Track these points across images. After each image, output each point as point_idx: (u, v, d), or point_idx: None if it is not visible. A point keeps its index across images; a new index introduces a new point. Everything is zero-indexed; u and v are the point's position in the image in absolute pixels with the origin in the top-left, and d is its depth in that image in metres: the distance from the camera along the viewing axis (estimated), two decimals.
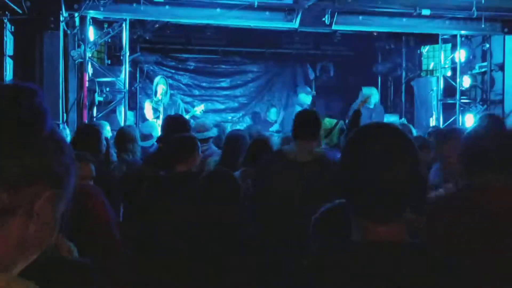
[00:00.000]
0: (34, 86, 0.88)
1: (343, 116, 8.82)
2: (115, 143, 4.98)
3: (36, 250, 0.88)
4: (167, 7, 7.56)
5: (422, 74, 10.52)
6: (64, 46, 7.30)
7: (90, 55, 7.89)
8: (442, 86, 9.42)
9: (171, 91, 8.80)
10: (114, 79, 8.08)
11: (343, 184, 1.32)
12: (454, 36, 9.12)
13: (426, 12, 7.97)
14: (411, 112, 10.57)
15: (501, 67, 9.08)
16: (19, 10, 6.64)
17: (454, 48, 9.51)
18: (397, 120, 9.21)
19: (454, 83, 9.27)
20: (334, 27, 8.31)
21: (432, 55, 10.27)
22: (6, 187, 0.81)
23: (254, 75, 12.31)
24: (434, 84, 9.66)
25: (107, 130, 6.26)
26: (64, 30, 7.25)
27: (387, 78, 11.64)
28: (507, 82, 8.98)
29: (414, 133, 6.76)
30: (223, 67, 12.08)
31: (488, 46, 9.21)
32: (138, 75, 10.59)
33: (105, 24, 8.44)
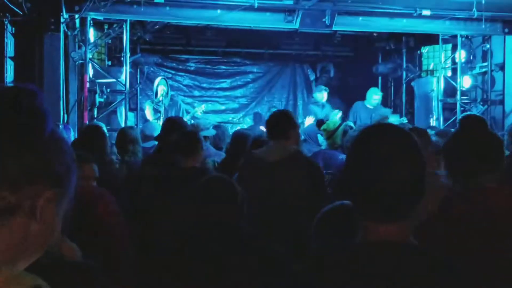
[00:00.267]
0: (34, 88, 0.89)
1: (344, 116, 8.85)
2: (116, 144, 4.98)
3: (37, 250, 0.88)
4: (168, 8, 7.57)
5: (422, 74, 10.52)
6: (65, 47, 7.31)
7: (91, 57, 7.90)
8: (442, 87, 9.42)
9: (171, 92, 8.81)
10: (114, 80, 8.09)
11: (347, 184, 1.33)
12: (455, 37, 9.12)
13: (426, 12, 7.98)
14: (412, 113, 10.57)
15: (501, 67, 9.08)
16: (19, 12, 6.65)
17: (454, 49, 9.52)
18: (397, 120, 9.21)
19: (454, 84, 9.26)
20: (334, 28, 8.32)
21: (432, 56, 10.27)
22: (6, 186, 0.81)
23: (254, 76, 12.33)
24: (435, 84, 9.66)
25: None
26: (64, 32, 7.26)
27: (387, 79, 11.64)
28: (508, 82, 8.99)
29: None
30: (223, 68, 12.10)
31: (488, 46, 9.21)
32: (138, 76, 10.60)
33: (105, 25, 8.45)
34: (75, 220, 0.95)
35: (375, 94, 9.16)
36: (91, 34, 7.85)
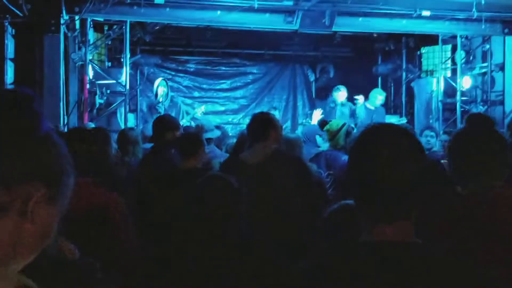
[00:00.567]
0: (26, 89, 0.90)
1: None
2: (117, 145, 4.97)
3: (32, 251, 0.88)
4: (168, 9, 7.57)
5: (422, 75, 10.53)
6: (65, 48, 7.32)
7: (91, 58, 7.91)
8: (442, 87, 9.42)
9: (171, 93, 8.81)
10: (114, 81, 8.10)
11: (350, 184, 1.33)
12: (454, 37, 9.14)
13: (426, 13, 7.98)
14: (412, 113, 10.57)
15: (501, 67, 9.09)
16: (19, 13, 6.65)
17: (454, 49, 9.53)
18: (397, 120, 9.21)
19: (454, 84, 9.27)
20: (334, 29, 8.33)
21: (432, 56, 10.28)
22: None
23: (254, 76, 12.33)
24: (434, 85, 9.67)
25: None
26: (64, 33, 7.27)
27: (387, 79, 11.65)
28: (508, 82, 9.00)
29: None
30: (223, 69, 12.10)
31: (488, 46, 9.22)
32: (138, 77, 10.60)
33: (105, 27, 8.46)
34: (87, 223, 0.95)
35: (379, 94, 9.11)
36: (91, 35, 7.85)
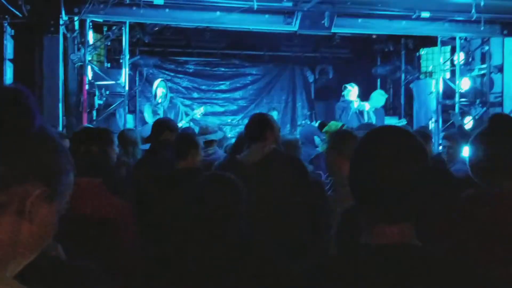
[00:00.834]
0: (20, 87, 0.88)
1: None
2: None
3: (31, 251, 0.87)
4: (167, 10, 7.56)
5: (421, 76, 10.54)
6: (64, 49, 7.31)
7: (90, 59, 7.91)
8: (441, 88, 9.43)
9: (170, 94, 8.81)
10: (113, 82, 8.09)
11: (350, 186, 1.33)
12: (453, 39, 9.14)
13: (425, 14, 7.99)
14: (411, 115, 10.58)
15: (500, 69, 9.10)
16: (19, 14, 6.64)
17: (453, 50, 9.53)
18: (396, 122, 9.20)
19: (453, 85, 9.28)
20: (333, 30, 8.33)
21: (431, 57, 10.29)
22: None
23: (253, 77, 12.34)
24: (433, 86, 9.67)
25: None
26: (64, 34, 7.26)
27: (386, 81, 11.66)
28: (506, 84, 9.00)
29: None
30: (223, 70, 12.11)
31: (487, 48, 9.23)
32: (137, 78, 10.60)
33: (104, 28, 8.46)
34: (90, 225, 0.95)
35: (382, 95, 9.06)
36: (90, 36, 7.85)
